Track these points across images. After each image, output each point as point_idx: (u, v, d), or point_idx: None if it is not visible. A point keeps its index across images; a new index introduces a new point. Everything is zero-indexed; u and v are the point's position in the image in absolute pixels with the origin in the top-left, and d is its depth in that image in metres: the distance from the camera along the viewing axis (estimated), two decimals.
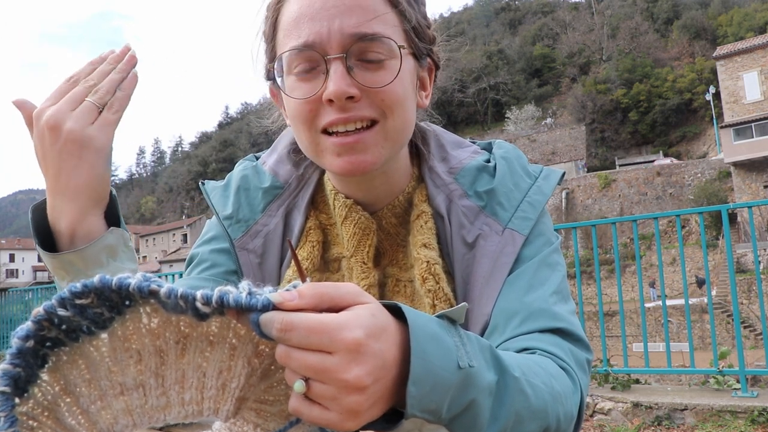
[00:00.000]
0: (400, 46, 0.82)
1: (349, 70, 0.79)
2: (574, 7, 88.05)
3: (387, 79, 0.80)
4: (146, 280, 0.50)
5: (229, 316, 0.52)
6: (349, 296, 0.54)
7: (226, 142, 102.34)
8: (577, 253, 5.12)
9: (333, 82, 0.78)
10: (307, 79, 0.81)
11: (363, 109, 0.80)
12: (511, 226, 0.88)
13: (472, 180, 0.92)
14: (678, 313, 19.76)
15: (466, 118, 75.89)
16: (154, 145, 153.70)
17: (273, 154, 1.02)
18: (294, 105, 0.83)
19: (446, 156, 0.96)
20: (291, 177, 0.98)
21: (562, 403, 0.71)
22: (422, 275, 0.87)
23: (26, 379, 0.50)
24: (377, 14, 0.81)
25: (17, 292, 11.34)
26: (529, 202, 0.91)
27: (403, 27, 0.85)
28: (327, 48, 0.79)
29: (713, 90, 43.52)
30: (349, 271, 0.92)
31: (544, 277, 0.86)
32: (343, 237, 0.92)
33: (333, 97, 0.78)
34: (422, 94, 0.92)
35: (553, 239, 0.92)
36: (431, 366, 0.55)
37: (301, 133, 0.85)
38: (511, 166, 0.94)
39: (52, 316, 0.49)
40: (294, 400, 0.53)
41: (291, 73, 0.82)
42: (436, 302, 0.86)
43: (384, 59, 0.81)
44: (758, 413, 3.78)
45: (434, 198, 0.92)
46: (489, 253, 0.86)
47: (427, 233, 0.89)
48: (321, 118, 0.81)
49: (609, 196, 39.72)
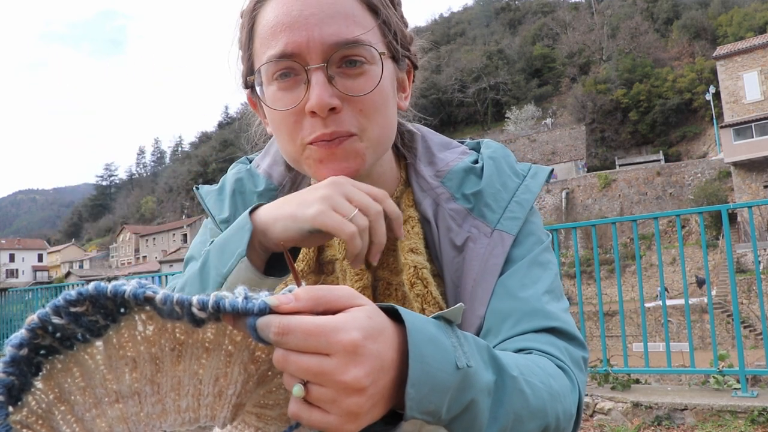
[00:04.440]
0: (381, 53, 0.82)
1: (330, 80, 0.78)
2: (574, 7, 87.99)
3: (368, 87, 0.80)
4: (141, 287, 0.50)
5: (225, 322, 0.52)
6: (345, 299, 0.54)
7: (226, 142, 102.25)
8: (577, 253, 5.12)
9: (315, 94, 0.77)
10: (287, 89, 0.80)
11: (344, 122, 0.79)
12: (500, 227, 0.88)
13: (459, 182, 0.92)
14: (678, 313, 19.75)
15: (466, 118, 75.86)
16: (154, 145, 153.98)
17: (266, 157, 1.02)
18: (276, 116, 0.82)
19: (433, 159, 0.95)
20: (285, 179, 0.98)
21: (560, 402, 0.71)
22: (410, 280, 0.87)
23: (20, 388, 0.50)
24: (356, 20, 0.80)
25: (17, 292, 11.35)
26: (518, 201, 0.90)
27: (381, 31, 0.84)
28: (307, 57, 0.78)
29: (713, 90, 43.48)
30: (343, 273, 0.91)
31: (536, 277, 0.86)
32: (335, 239, 0.92)
33: (316, 109, 0.77)
34: (401, 96, 0.91)
35: (543, 238, 0.92)
36: (429, 367, 0.55)
37: (284, 143, 0.85)
38: (498, 166, 0.94)
39: (46, 324, 0.49)
40: (293, 405, 0.53)
41: (271, 83, 0.82)
42: (425, 306, 0.86)
43: (365, 65, 0.80)
44: (758, 413, 3.79)
45: (421, 202, 0.92)
46: (478, 256, 0.86)
47: (414, 238, 0.89)
48: (304, 129, 0.81)
49: (609, 196, 39.72)
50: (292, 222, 0.76)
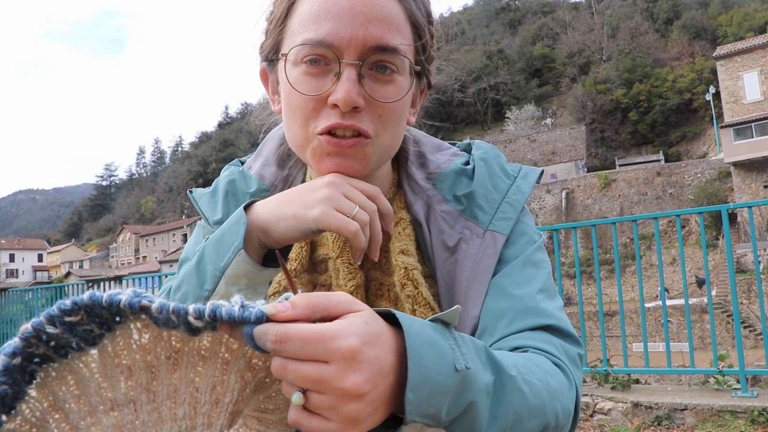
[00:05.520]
0: (412, 66, 0.83)
1: (360, 79, 0.79)
2: (574, 7, 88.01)
3: (393, 96, 0.81)
4: (137, 296, 0.50)
5: (221, 331, 0.52)
6: (341, 305, 0.54)
7: (226, 142, 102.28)
8: (577, 253, 5.12)
9: (344, 89, 0.77)
10: (315, 75, 0.80)
11: (362, 121, 0.80)
12: (492, 228, 0.88)
13: (451, 184, 0.92)
14: (678, 313, 19.75)
15: (466, 118, 75.87)
16: (154, 145, 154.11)
17: (258, 159, 1.02)
18: (296, 98, 0.82)
19: (425, 161, 0.96)
20: (277, 179, 0.99)
21: (559, 400, 0.72)
22: (401, 281, 0.87)
23: (13, 396, 0.49)
24: (400, 30, 0.81)
25: (17, 292, 11.34)
26: (509, 202, 0.91)
27: (416, 48, 0.85)
28: (344, 51, 0.78)
29: (713, 90, 43.50)
30: (336, 272, 0.92)
31: (529, 276, 0.87)
32: (327, 238, 0.93)
33: (340, 104, 0.77)
34: (411, 111, 0.92)
35: (536, 237, 0.93)
36: (428, 371, 0.55)
37: (295, 127, 0.84)
38: (489, 167, 0.94)
39: (40, 333, 0.49)
40: (293, 412, 0.53)
41: (298, 64, 0.81)
42: (416, 307, 0.86)
43: (395, 74, 0.81)
44: (758, 413, 3.79)
45: (412, 205, 0.92)
46: (471, 257, 0.86)
47: (405, 240, 0.90)
48: (321, 119, 0.80)
49: (609, 196, 39.73)
50: (295, 222, 0.77)
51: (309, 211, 0.77)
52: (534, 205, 40.49)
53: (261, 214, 0.80)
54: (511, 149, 51.20)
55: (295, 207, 0.78)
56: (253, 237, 0.79)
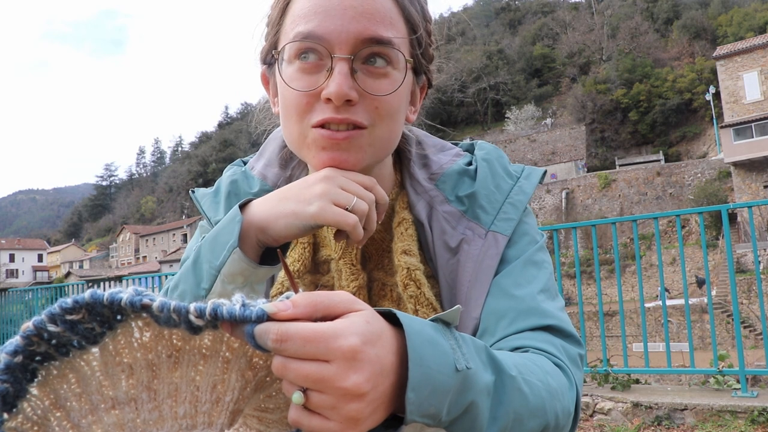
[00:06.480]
0: (407, 60, 0.83)
1: (353, 73, 0.79)
2: (574, 7, 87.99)
3: (387, 89, 0.81)
4: (138, 295, 0.50)
5: (222, 329, 0.52)
6: (342, 304, 0.54)
7: (226, 142, 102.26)
8: (577, 253, 5.12)
9: (336, 83, 0.77)
10: (308, 71, 0.80)
11: (357, 113, 0.80)
12: (494, 229, 0.88)
13: (453, 185, 0.92)
14: (678, 313, 19.75)
15: (466, 118, 75.85)
16: (154, 145, 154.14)
17: (261, 159, 1.02)
18: (290, 95, 0.82)
19: (427, 161, 0.96)
20: (279, 180, 0.98)
21: (559, 400, 0.72)
22: (403, 281, 0.87)
23: (15, 395, 0.50)
24: (392, 23, 0.81)
25: (17, 292, 11.34)
26: (511, 203, 0.91)
27: (412, 43, 0.85)
28: (335, 46, 0.78)
29: (713, 90, 43.48)
30: (338, 273, 0.92)
31: (531, 276, 0.87)
32: (329, 239, 0.93)
33: (332, 97, 0.77)
34: (411, 109, 0.92)
35: (537, 238, 0.93)
36: (429, 370, 0.55)
37: (291, 124, 0.84)
38: (492, 167, 0.94)
39: (41, 331, 0.49)
40: (293, 412, 0.53)
41: (292, 62, 0.81)
42: (418, 307, 0.86)
43: (388, 67, 0.81)
44: (758, 413, 3.79)
45: (414, 205, 0.92)
46: (473, 257, 0.86)
47: (407, 240, 0.90)
48: (315, 113, 0.80)
49: (609, 196, 39.73)
50: (294, 219, 0.77)
51: (307, 207, 0.77)
52: (534, 205, 40.45)
53: (258, 212, 0.80)
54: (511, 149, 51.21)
55: (293, 204, 0.78)
56: (250, 235, 0.79)
